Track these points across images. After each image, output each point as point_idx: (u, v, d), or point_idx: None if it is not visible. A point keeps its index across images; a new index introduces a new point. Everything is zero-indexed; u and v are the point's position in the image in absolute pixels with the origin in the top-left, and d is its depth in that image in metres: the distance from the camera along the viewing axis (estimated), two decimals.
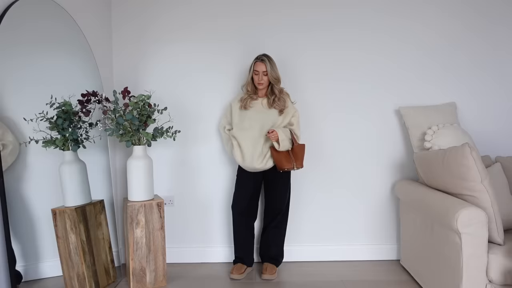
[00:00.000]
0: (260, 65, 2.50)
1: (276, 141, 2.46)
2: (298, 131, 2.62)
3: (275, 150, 2.50)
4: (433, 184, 2.31)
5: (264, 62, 2.49)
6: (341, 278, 2.59)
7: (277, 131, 2.46)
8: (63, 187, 2.17)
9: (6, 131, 1.87)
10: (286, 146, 2.49)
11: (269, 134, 2.46)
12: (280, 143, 2.46)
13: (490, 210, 1.94)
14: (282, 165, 2.49)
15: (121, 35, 2.83)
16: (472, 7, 2.82)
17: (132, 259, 2.36)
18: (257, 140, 2.52)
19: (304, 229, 2.90)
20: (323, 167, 2.87)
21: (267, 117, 2.55)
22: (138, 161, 2.37)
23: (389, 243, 2.91)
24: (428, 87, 2.84)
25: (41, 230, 2.05)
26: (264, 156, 2.52)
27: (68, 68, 2.28)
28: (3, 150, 1.84)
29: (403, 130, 2.85)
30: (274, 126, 2.54)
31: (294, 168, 2.50)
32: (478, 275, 1.88)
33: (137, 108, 2.33)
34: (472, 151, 1.94)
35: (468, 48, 2.83)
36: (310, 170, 2.86)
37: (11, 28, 1.89)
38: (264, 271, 2.59)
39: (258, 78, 2.51)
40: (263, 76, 2.51)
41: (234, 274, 2.58)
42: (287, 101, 2.60)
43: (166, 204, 2.86)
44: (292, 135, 2.54)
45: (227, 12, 2.81)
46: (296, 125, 2.61)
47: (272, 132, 2.45)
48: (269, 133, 2.46)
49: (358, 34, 2.82)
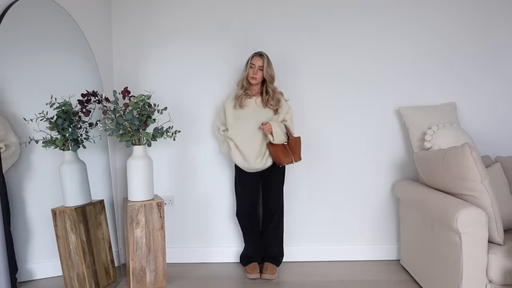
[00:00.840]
0: (257, 59, 2.52)
1: (270, 133, 2.47)
2: (292, 127, 2.62)
3: (272, 145, 2.51)
4: (433, 184, 2.31)
5: (262, 57, 2.51)
6: (341, 278, 2.59)
7: (271, 123, 2.47)
8: (63, 187, 2.17)
9: (9, 131, 1.88)
10: (281, 139, 2.50)
11: (263, 126, 2.47)
12: (274, 135, 2.46)
13: (490, 210, 1.94)
14: (280, 160, 2.50)
15: (121, 35, 2.83)
16: (472, 8, 2.82)
17: (132, 259, 2.36)
18: (254, 139, 2.52)
19: (304, 229, 2.90)
20: (323, 166, 2.87)
21: (261, 116, 2.55)
22: (138, 161, 2.37)
23: (389, 243, 2.90)
24: (428, 87, 2.84)
25: (41, 230, 2.05)
26: (263, 155, 2.53)
27: (68, 68, 2.28)
28: (6, 150, 1.85)
29: (403, 130, 2.85)
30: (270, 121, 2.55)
31: (292, 162, 2.51)
32: (478, 275, 1.88)
33: (137, 108, 2.33)
34: (472, 151, 1.94)
35: (468, 48, 2.83)
36: (310, 170, 2.86)
37: (11, 28, 1.89)
38: (264, 271, 2.59)
39: (252, 72, 2.51)
40: (258, 71, 2.51)
41: (252, 274, 2.57)
42: (281, 100, 2.61)
43: (166, 204, 2.86)
44: (287, 130, 2.55)
45: (228, 13, 2.81)
46: (290, 121, 2.61)
47: (265, 124, 2.46)
48: (263, 125, 2.47)
49: (358, 34, 2.82)
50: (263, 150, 2.53)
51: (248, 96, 2.58)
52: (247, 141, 2.52)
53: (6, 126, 1.87)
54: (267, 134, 2.49)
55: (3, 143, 1.83)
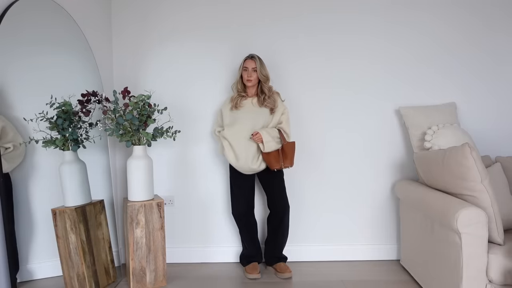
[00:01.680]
0: (249, 62, 2.54)
1: (261, 142, 2.48)
2: (288, 128, 2.62)
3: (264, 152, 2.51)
4: (433, 184, 2.31)
5: (254, 59, 2.54)
6: (341, 278, 2.59)
7: (261, 132, 2.47)
8: (63, 187, 2.17)
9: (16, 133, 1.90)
10: (272, 146, 2.50)
11: (254, 136, 2.48)
12: (264, 144, 2.47)
13: (490, 210, 1.94)
14: (271, 165, 2.52)
15: (121, 35, 2.83)
16: (472, 8, 2.81)
17: (132, 259, 2.36)
18: (249, 140, 2.53)
19: (304, 229, 2.90)
20: (323, 167, 2.87)
21: (257, 116, 2.56)
22: (138, 161, 2.37)
23: (389, 243, 2.90)
24: (428, 87, 2.84)
25: (41, 230, 2.05)
26: (258, 157, 2.54)
27: (68, 68, 2.28)
28: (14, 150, 1.86)
29: (403, 130, 2.85)
30: (264, 125, 2.56)
31: (282, 167, 2.52)
32: (478, 275, 1.88)
33: (137, 108, 2.33)
34: (472, 151, 1.94)
35: (468, 48, 2.83)
36: (310, 170, 2.86)
37: (11, 28, 1.89)
38: (280, 270, 2.58)
39: (247, 75, 2.54)
40: (252, 73, 2.53)
41: (252, 274, 2.56)
42: (277, 100, 2.61)
43: (166, 204, 2.86)
44: (281, 134, 2.55)
45: (228, 14, 2.81)
46: (285, 122, 2.61)
47: (256, 135, 2.47)
48: (253, 135, 2.48)
49: (358, 35, 2.82)
50: (259, 151, 2.54)
51: (244, 97, 2.59)
52: (242, 142, 2.53)
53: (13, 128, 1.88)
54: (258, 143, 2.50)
55: (11, 143, 1.85)
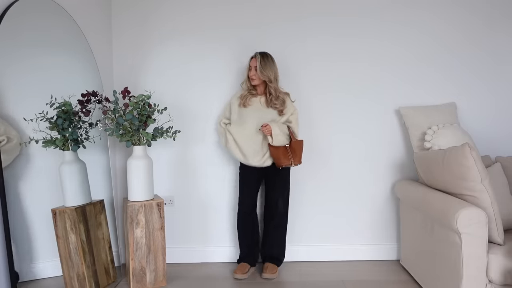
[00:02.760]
0: (252, 61, 2.57)
1: (270, 135, 2.48)
2: (297, 129, 2.62)
3: (272, 146, 2.51)
4: (433, 184, 2.31)
5: (256, 57, 2.54)
6: (341, 278, 2.59)
7: (271, 125, 2.48)
8: (63, 187, 2.17)
9: (8, 126, 1.88)
10: (281, 141, 2.50)
11: (263, 128, 2.48)
12: (273, 137, 2.47)
13: (490, 210, 1.94)
14: (280, 162, 2.50)
15: (121, 35, 2.83)
16: (472, 7, 2.81)
17: (132, 259, 2.36)
18: (254, 137, 2.54)
19: (304, 229, 2.90)
20: (323, 166, 2.87)
21: (264, 115, 2.56)
22: (138, 161, 2.37)
23: (389, 243, 2.90)
24: (428, 87, 2.84)
25: (41, 230, 2.05)
26: (263, 154, 2.54)
27: (68, 68, 2.28)
28: (8, 143, 1.85)
29: (403, 130, 2.85)
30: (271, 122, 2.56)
31: (292, 165, 2.51)
32: (478, 275, 1.88)
33: (137, 108, 2.33)
34: (472, 151, 1.94)
35: (468, 48, 2.83)
36: (310, 169, 2.86)
37: (11, 28, 1.89)
38: (264, 270, 2.59)
39: (250, 73, 2.57)
40: (254, 71, 2.55)
41: (238, 274, 2.57)
42: (287, 101, 2.61)
43: (166, 204, 2.86)
44: (290, 131, 2.56)
45: (229, 14, 2.81)
46: (295, 122, 2.61)
47: (265, 126, 2.47)
48: (262, 126, 2.48)
49: (358, 34, 2.82)
50: (264, 149, 2.54)
51: (253, 95, 2.61)
52: (247, 139, 2.54)
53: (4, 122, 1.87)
54: (267, 135, 2.49)
55: (4, 135, 1.84)
